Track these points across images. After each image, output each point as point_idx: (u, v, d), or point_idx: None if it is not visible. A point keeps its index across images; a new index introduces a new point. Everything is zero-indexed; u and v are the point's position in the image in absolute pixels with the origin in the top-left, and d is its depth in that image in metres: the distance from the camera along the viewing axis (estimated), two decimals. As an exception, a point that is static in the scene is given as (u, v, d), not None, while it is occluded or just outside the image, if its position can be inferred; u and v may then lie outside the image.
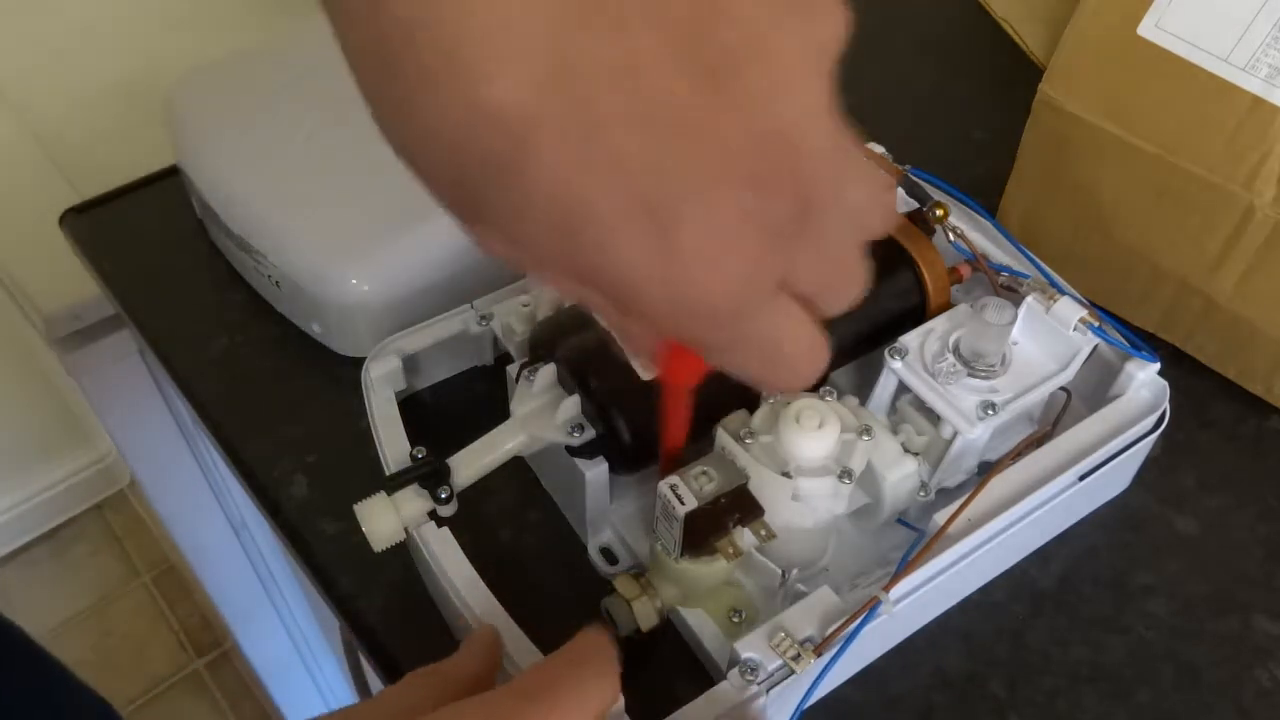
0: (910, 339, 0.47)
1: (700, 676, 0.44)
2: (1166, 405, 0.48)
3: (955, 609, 0.48)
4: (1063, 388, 0.48)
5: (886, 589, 0.42)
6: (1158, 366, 0.48)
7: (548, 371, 0.46)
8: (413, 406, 0.52)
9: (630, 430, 0.44)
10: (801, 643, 0.40)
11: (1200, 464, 0.53)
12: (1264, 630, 0.48)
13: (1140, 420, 0.48)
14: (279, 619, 1.08)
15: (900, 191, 0.53)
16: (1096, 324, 0.48)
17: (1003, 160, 0.58)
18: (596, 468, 0.45)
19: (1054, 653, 0.47)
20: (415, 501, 0.43)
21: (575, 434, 0.45)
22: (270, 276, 0.54)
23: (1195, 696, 0.46)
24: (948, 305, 0.49)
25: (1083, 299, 0.49)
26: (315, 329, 0.55)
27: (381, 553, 0.43)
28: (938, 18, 0.75)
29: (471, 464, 0.44)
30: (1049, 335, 0.48)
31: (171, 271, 0.60)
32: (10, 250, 0.75)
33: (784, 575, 0.45)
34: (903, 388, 0.47)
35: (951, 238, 0.51)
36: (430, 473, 0.44)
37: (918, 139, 0.58)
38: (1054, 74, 0.53)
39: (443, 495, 0.43)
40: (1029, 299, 0.48)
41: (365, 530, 0.42)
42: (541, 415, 0.45)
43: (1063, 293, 0.48)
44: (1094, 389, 0.50)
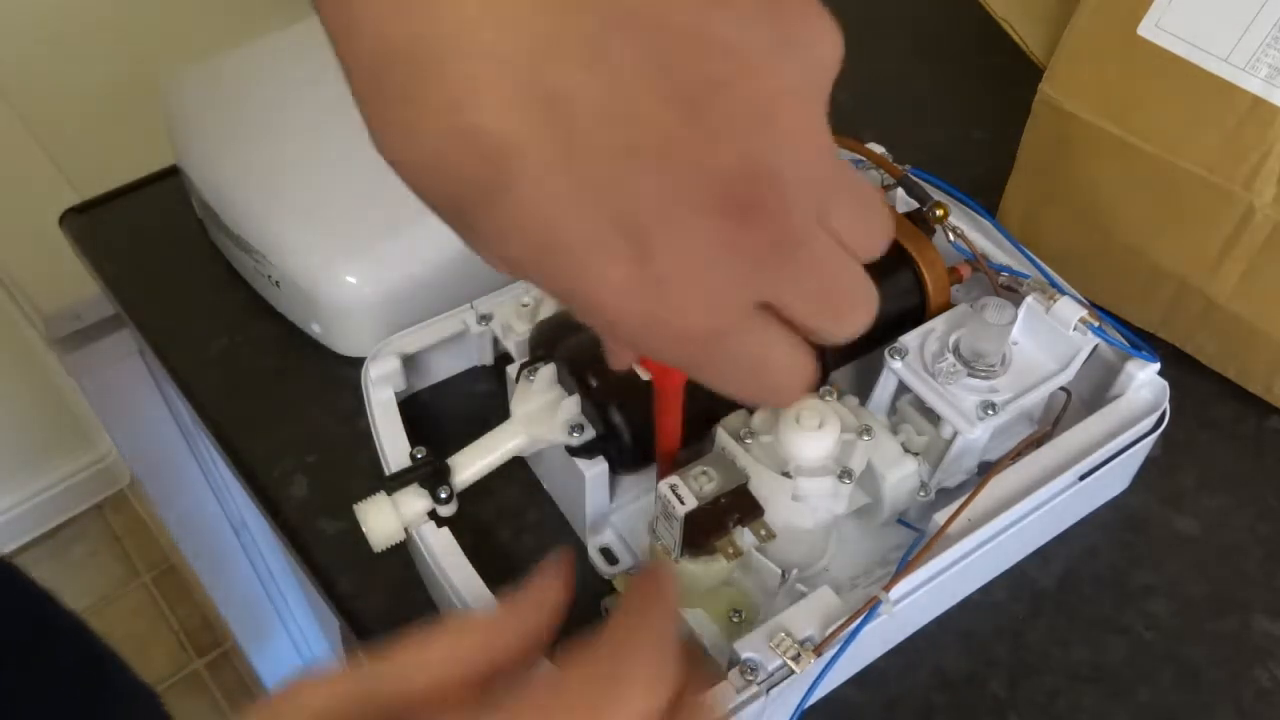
0: (910, 339, 0.47)
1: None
2: (1166, 405, 0.48)
3: (955, 609, 0.48)
4: (1063, 388, 0.48)
5: (886, 589, 0.42)
6: (1158, 366, 0.48)
7: (548, 371, 0.46)
8: (413, 406, 0.52)
9: (630, 430, 0.44)
10: (801, 643, 0.40)
11: (1200, 464, 0.53)
12: (1264, 630, 0.48)
13: (1140, 420, 0.48)
14: (279, 619, 1.08)
15: (900, 191, 0.53)
16: (1096, 324, 0.48)
17: (1003, 160, 0.58)
18: (596, 468, 0.45)
19: (1054, 653, 0.47)
20: (415, 501, 0.43)
21: (575, 434, 0.45)
22: (270, 276, 0.54)
23: (1195, 696, 0.46)
24: (948, 305, 0.49)
25: (1083, 299, 0.49)
26: (315, 329, 0.55)
27: (381, 553, 0.43)
28: (938, 18, 0.75)
29: (471, 464, 0.45)
30: (1049, 335, 0.48)
31: (171, 271, 0.60)
32: (10, 250, 0.75)
33: (784, 575, 0.45)
34: (903, 388, 0.47)
35: (951, 238, 0.51)
36: (430, 473, 0.44)
37: (918, 139, 0.58)
38: (1054, 74, 0.53)
39: (443, 495, 0.43)
40: (1029, 299, 0.48)
41: (365, 530, 0.42)
42: (541, 415, 0.45)
43: (1063, 293, 0.48)
44: (1094, 389, 0.50)
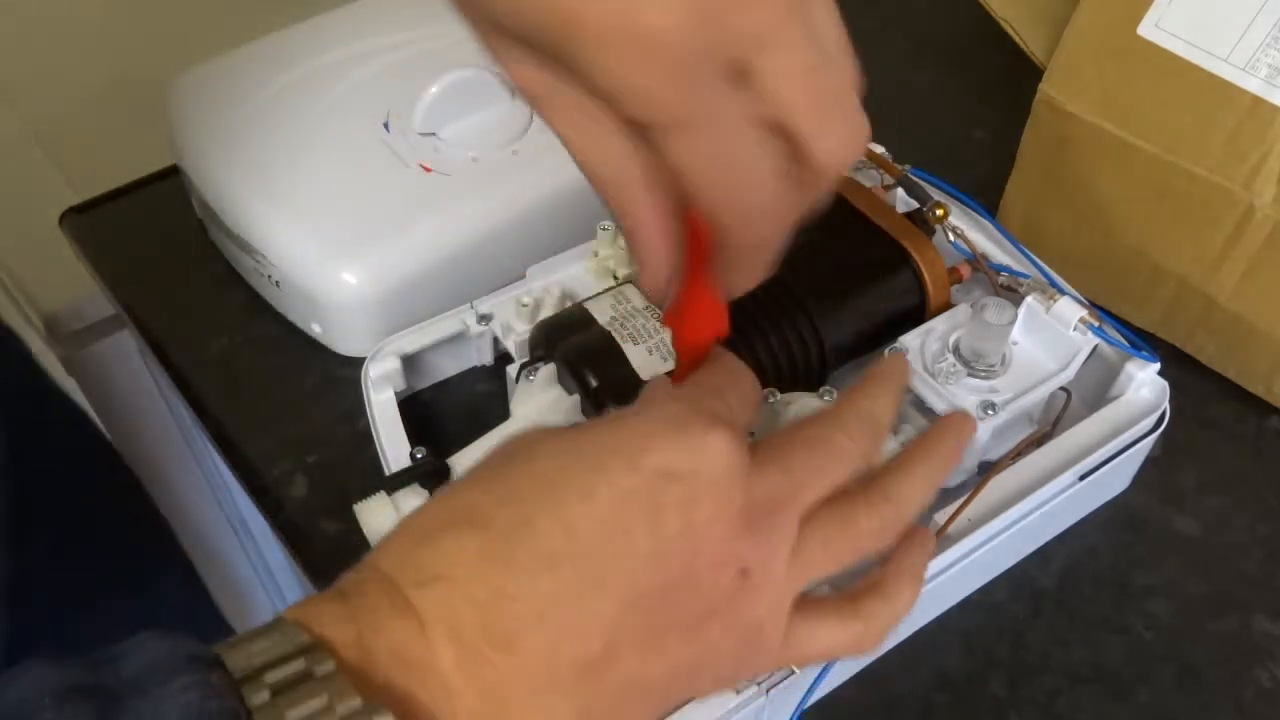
0: (910, 339, 0.47)
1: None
2: (1166, 405, 0.48)
3: (955, 609, 0.48)
4: (1063, 388, 0.48)
5: (886, 589, 0.42)
6: (1158, 366, 0.48)
7: (548, 371, 0.46)
8: (413, 406, 0.52)
9: (630, 430, 0.44)
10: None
11: (1200, 464, 0.53)
12: (1264, 630, 0.48)
13: (1140, 420, 0.48)
14: (279, 619, 1.08)
15: (900, 191, 0.53)
16: (1096, 324, 0.48)
17: (1003, 160, 0.58)
18: (596, 468, 0.45)
19: (1054, 653, 0.47)
20: (415, 501, 0.43)
21: (575, 434, 0.45)
22: (270, 276, 0.54)
23: (1195, 696, 0.46)
24: (948, 305, 0.49)
25: (1083, 299, 0.49)
26: (315, 329, 0.55)
27: (381, 553, 0.43)
28: (938, 18, 0.75)
29: (471, 464, 0.44)
30: (1049, 335, 0.48)
31: (171, 271, 0.60)
32: (10, 250, 0.75)
33: (784, 575, 0.45)
34: (903, 388, 0.47)
35: (951, 238, 0.51)
36: (430, 473, 0.44)
37: (918, 139, 0.58)
38: (1054, 74, 0.53)
39: (443, 495, 0.43)
40: (1029, 299, 0.48)
41: (365, 530, 0.42)
42: (541, 415, 0.45)
43: (1063, 293, 0.48)
44: (1094, 389, 0.50)
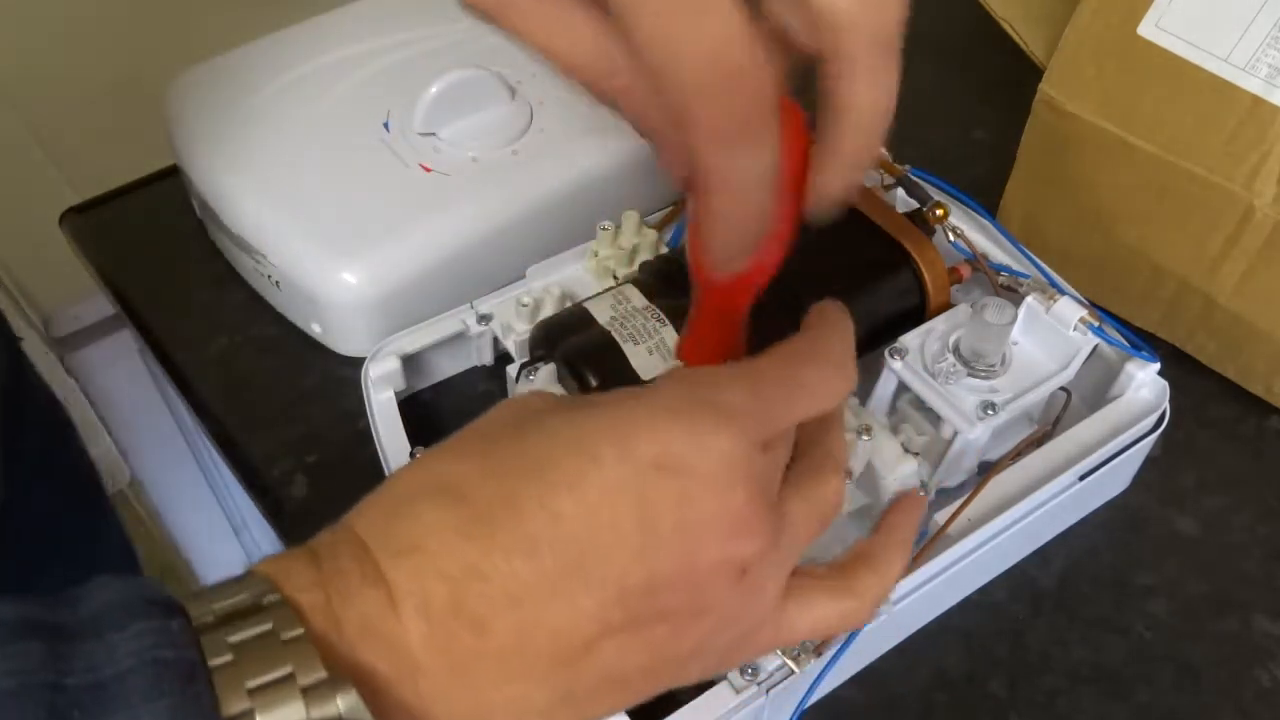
0: (910, 339, 0.47)
1: (700, 676, 0.44)
2: (1166, 405, 0.48)
3: (955, 609, 0.48)
4: (1063, 388, 0.48)
5: (886, 589, 0.42)
6: (1158, 366, 0.48)
7: (548, 371, 0.46)
8: (413, 406, 0.52)
9: (630, 430, 0.44)
10: (801, 643, 0.40)
11: (1200, 464, 0.53)
12: (1264, 630, 0.48)
13: (1140, 420, 0.48)
14: (279, 619, 1.08)
15: (900, 191, 0.53)
16: (1096, 324, 0.48)
17: (1003, 160, 0.58)
18: (596, 468, 0.45)
19: (1054, 653, 0.47)
20: (415, 501, 0.43)
21: (575, 434, 0.45)
22: (270, 276, 0.54)
23: (1195, 696, 0.46)
24: (948, 305, 0.49)
25: (1083, 299, 0.49)
26: (315, 329, 0.55)
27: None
28: (938, 18, 0.75)
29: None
30: (1049, 335, 0.48)
31: (171, 271, 0.60)
32: (10, 250, 0.75)
33: (784, 575, 0.45)
34: (903, 388, 0.47)
35: (951, 238, 0.51)
36: (430, 473, 0.44)
37: (918, 139, 0.58)
38: (1054, 74, 0.53)
39: (443, 495, 0.43)
40: (1029, 299, 0.48)
41: (365, 530, 0.42)
42: (541, 415, 0.45)
43: (1063, 293, 0.48)
44: (1094, 389, 0.50)
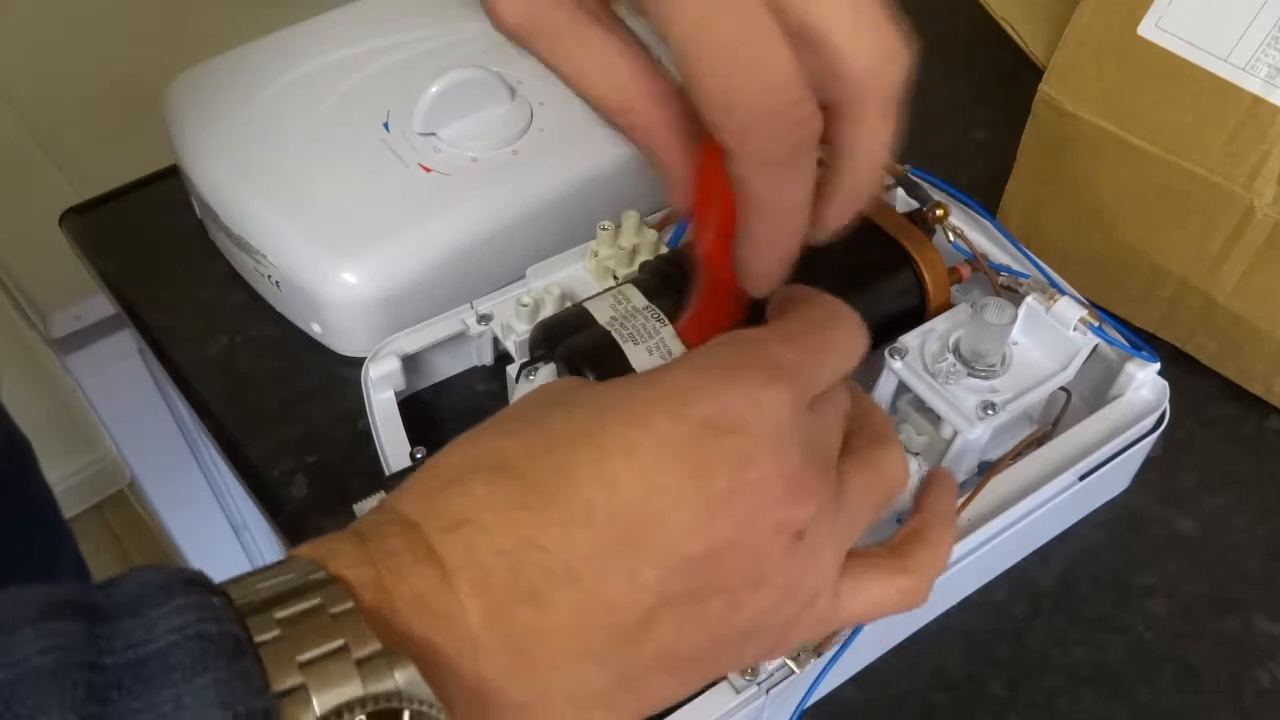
0: (910, 339, 0.47)
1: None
2: (1166, 405, 0.48)
3: (955, 609, 0.48)
4: (1063, 388, 0.48)
5: (886, 589, 0.42)
6: (1158, 366, 0.48)
7: (548, 372, 0.46)
8: (413, 406, 0.52)
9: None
10: (802, 642, 0.40)
11: (1200, 464, 0.53)
12: (1264, 630, 0.48)
13: (1140, 420, 0.48)
14: (279, 619, 1.08)
15: (900, 191, 0.53)
16: (1096, 324, 0.48)
17: (1003, 160, 0.58)
18: (596, 468, 0.45)
19: (1054, 653, 0.47)
20: (415, 501, 0.43)
21: (575, 434, 0.45)
22: (270, 276, 0.54)
23: (1195, 696, 0.46)
24: (948, 305, 0.49)
25: (1083, 299, 0.49)
26: (315, 329, 0.55)
27: (381, 553, 0.42)
28: (937, 17, 0.75)
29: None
30: (1049, 335, 0.48)
31: (171, 271, 0.60)
32: (10, 250, 0.75)
33: (784, 575, 0.45)
34: (903, 388, 0.47)
35: (951, 238, 0.51)
36: (430, 473, 0.44)
37: (918, 139, 0.58)
38: (1054, 74, 0.53)
39: (443, 495, 0.43)
40: (1029, 299, 0.48)
41: (365, 530, 0.42)
42: (541, 415, 0.45)
43: (1063, 293, 0.48)
44: (1094, 389, 0.50)
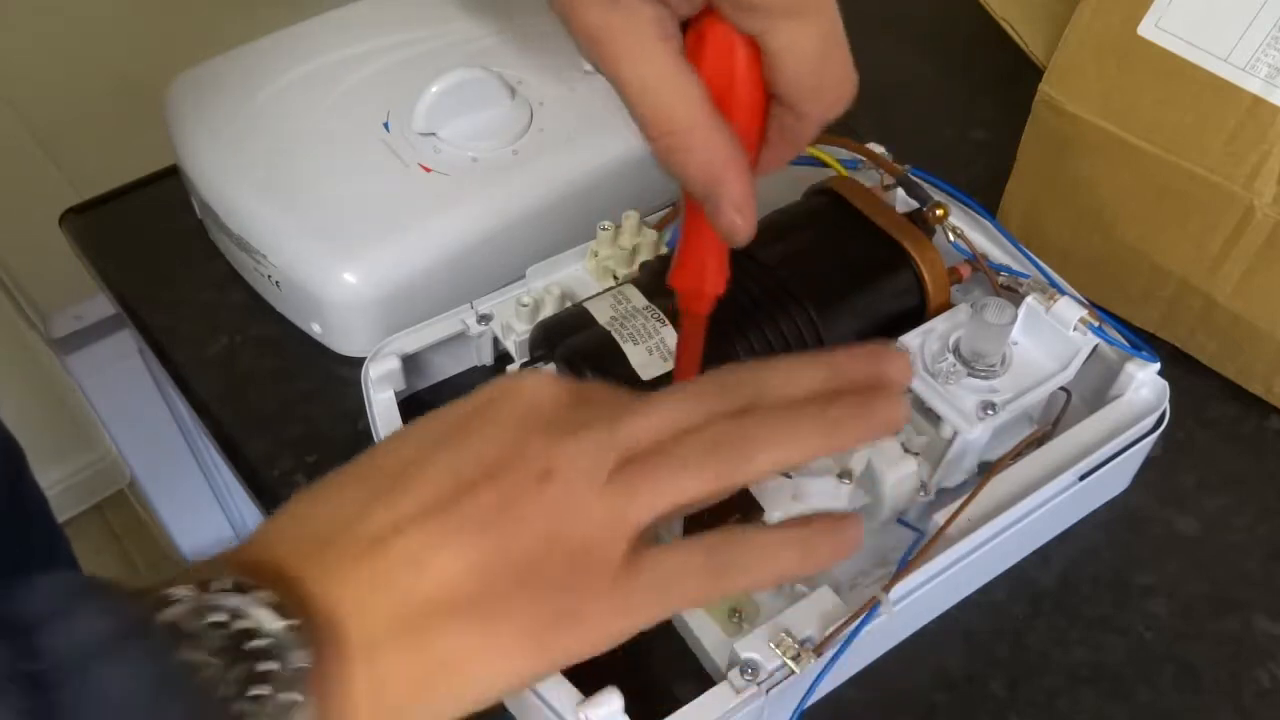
0: (910, 339, 0.47)
1: (700, 677, 0.44)
2: (1166, 405, 0.48)
3: (955, 609, 0.48)
4: (1063, 388, 0.48)
5: (886, 589, 0.42)
6: (1158, 366, 0.48)
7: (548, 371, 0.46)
8: (413, 406, 0.52)
9: (630, 430, 0.44)
10: (801, 643, 0.40)
11: (1200, 464, 0.53)
12: (1264, 630, 0.48)
13: (1140, 420, 0.48)
14: (279, 619, 1.08)
15: (900, 191, 0.53)
16: (1096, 324, 0.48)
17: (1003, 160, 0.58)
18: (596, 468, 0.45)
19: (1054, 653, 0.47)
20: (415, 501, 0.43)
21: (575, 434, 0.45)
22: (270, 276, 0.54)
23: (1195, 696, 0.46)
24: (948, 305, 0.49)
25: (1083, 299, 0.49)
26: (315, 329, 0.55)
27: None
28: (938, 17, 0.75)
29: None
30: (1049, 335, 0.48)
31: (171, 271, 0.60)
32: (10, 250, 0.75)
33: (784, 575, 0.45)
34: (903, 388, 0.47)
35: (951, 238, 0.51)
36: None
37: (918, 139, 0.58)
38: (1054, 74, 0.53)
39: (443, 495, 0.43)
40: (1029, 299, 0.48)
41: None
42: (541, 415, 0.45)
43: (1063, 293, 0.48)
44: (1094, 389, 0.50)
